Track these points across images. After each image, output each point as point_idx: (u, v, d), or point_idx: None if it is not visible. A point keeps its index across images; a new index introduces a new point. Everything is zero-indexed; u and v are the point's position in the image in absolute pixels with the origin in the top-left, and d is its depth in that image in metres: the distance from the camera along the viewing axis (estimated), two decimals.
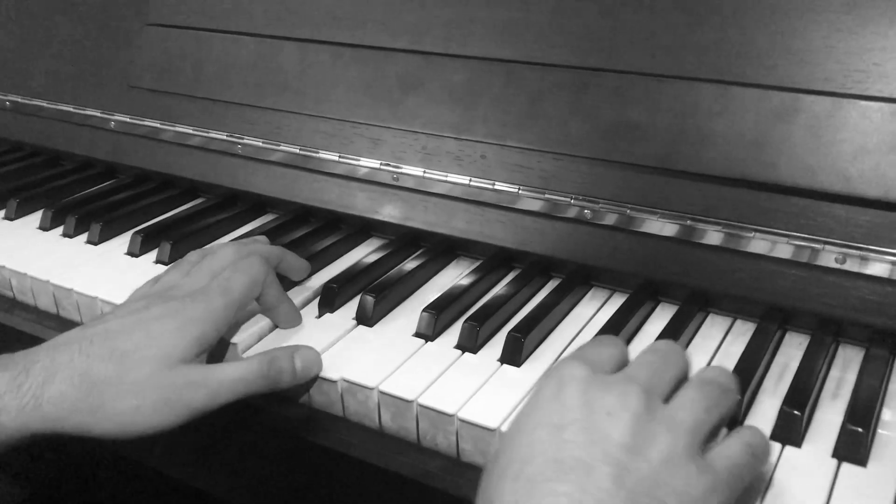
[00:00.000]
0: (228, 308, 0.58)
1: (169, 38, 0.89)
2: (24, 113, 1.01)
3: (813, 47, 0.60)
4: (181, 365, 0.54)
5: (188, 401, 0.54)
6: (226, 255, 0.63)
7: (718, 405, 0.45)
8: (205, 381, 0.54)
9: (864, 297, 0.59)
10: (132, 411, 0.53)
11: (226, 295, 0.58)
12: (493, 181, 0.71)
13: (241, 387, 0.55)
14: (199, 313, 0.56)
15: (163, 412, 0.53)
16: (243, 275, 0.60)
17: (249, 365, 0.56)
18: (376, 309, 0.66)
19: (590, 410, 0.42)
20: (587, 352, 0.48)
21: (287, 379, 0.58)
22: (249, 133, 0.84)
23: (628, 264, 0.66)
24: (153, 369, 0.53)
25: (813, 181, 0.59)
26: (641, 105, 0.65)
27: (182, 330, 0.55)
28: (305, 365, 0.59)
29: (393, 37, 0.76)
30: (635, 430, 0.42)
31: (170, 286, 0.61)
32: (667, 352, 0.48)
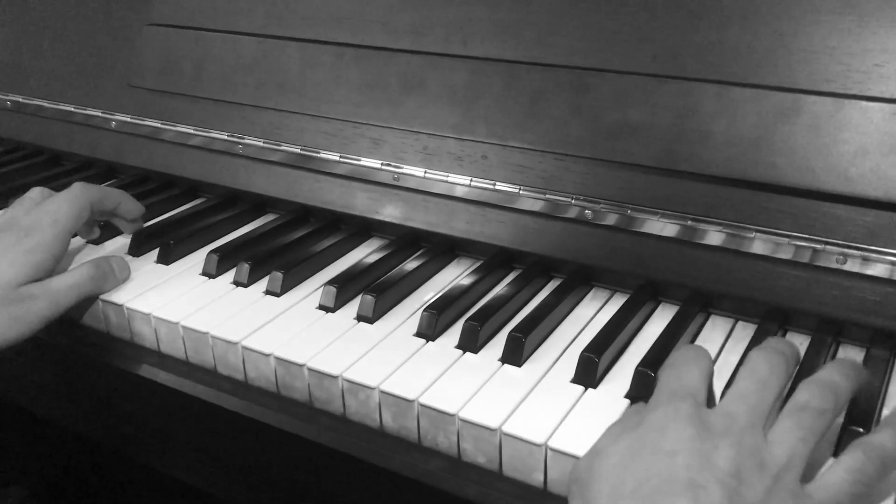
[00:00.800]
0: (59, 236, 0.69)
1: (170, 38, 0.89)
2: (25, 113, 1.01)
3: (814, 48, 0.60)
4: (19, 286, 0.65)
5: (34, 310, 0.65)
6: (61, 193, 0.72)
7: (814, 432, 0.45)
8: (44, 292, 0.66)
9: (864, 298, 0.59)
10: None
11: (55, 226, 0.69)
12: (494, 181, 0.71)
13: (77, 290, 0.67)
14: (32, 245, 0.67)
15: (13, 325, 0.63)
16: (67, 203, 0.70)
17: (80, 270, 0.68)
18: (377, 308, 0.66)
19: (698, 443, 0.44)
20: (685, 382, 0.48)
21: (111, 281, 0.71)
22: (250, 133, 0.84)
23: (629, 264, 0.66)
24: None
25: (814, 181, 0.59)
26: (642, 105, 0.65)
27: (19, 261, 0.66)
28: (120, 266, 0.72)
29: (394, 37, 0.76)
30: (740, 463, 0.43)
31: (11, 222, 0.70)
32: (765, 377, 0.47)
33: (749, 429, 0.45)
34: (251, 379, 0.63)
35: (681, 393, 0.47)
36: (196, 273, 0.74)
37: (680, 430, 0.44)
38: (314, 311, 0.68)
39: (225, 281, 0.73)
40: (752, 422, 0.45)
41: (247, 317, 0.66)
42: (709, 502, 0.41)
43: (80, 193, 0.72)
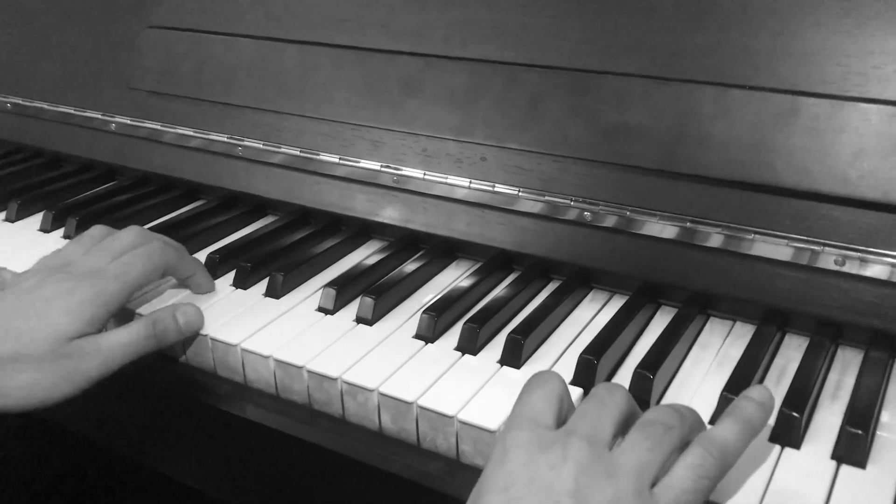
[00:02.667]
0: (121, 292, 0.61)
1: (170, 40, 0.89)
2: (25, 115, 1.01)
3: (812, 50, 0.60)
4: (72, 341, 0.58)
5: (84, 370, 0.58)
6: (128, 237, 0.65)
7: (661, 444, 0.45)
8: (98, 351, 0.59)
9: (863, 300, 0.59)
10: (30, 386, 0.56)
11: (120, 279, 0.61)
12: (493, 183, 0.71)
13: (132, 350, 0.60)
14: (90, 296, 0.60)
15: (60, 384, 0.57)
16: (142, 261, 0.63)
17: (136, 328, 0.61)
18: (376, 310, 0.66)
19: (533, 468, 0.43)
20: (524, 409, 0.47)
21: (172, 336, 0.63)
22: (250, 135, 0.84)
23: (628, 266, 0.66)
24: (46, 347, 0.57)
25: (812, 183, 0.59)
26: (641, 107, 0.65)
27: (74, 311, 0.59)
28: (188, 321, 0.63)
29: (393, 39, 0.76)
30: (578, 478, 0.42)
31: (68, 262, 0.63)
32: (604, 396, 0.47)
33: (591, 440, 0.44)
34: (250, 381, 0.63)
35: (517, 421, 0.47)
36: None
37: (512, 461, 0.44)
38: (314, 312, 0.68)
39: (224, 283, 0.73)
40: (592, 433, 0.45)
41: (246, 319, 0.66)
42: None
43: (157, 253, 0.65)
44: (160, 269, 0.65)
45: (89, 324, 0.59)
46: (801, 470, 0.50)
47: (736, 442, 0.46)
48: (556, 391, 0.48)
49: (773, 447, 0.52)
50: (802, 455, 0.51)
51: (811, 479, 0.49)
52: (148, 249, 0.65)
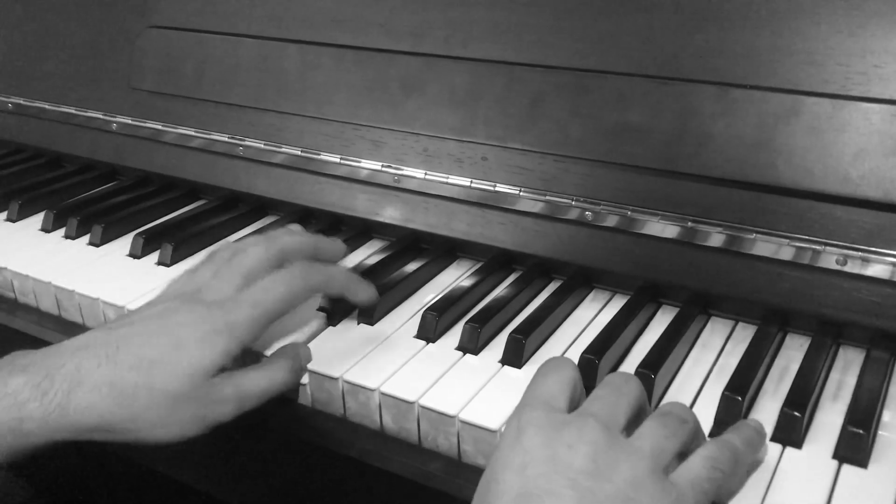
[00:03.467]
0: (256, 322, 0.55)
1: (171, 40, 0.89)
2: (27, 115, 1.01)
3: (813, 49, 0.60)
4: (209, 378, 0.53)
5: (217, 415, 0.53)
6: (257, 255, 0.59)
7: (677, 434, 0.46)
8: (235, 395, 0.54)
9: (864, 299, 0.59)
10: (160, 424, 0.52)
11: (255, 309, 0.55)
12: (494, 183, 0.71)
13: (269, 395, 0.56)
14: (225, 325, 0.54)
15: (189, 426, 0.53)
16: (280, 290, 0.57)
17: (274, 374, 0.56)
18: (377, 310, 0.66)
19: (550, 447, 0.44)
20: (539, 391, 0.48)
21: (299, 380, 0.59)
22: (251, 135, 0.84)
23: (629, 266, 0.66)
24: (182, 383, 0.52)
25: (813, 183, 0.59)
26: (642, 107, 0.65)
27: (208, 341, 0.53)
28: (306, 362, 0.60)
29: (394, 39, 0.76)
30: (596, 457, 0.43)
31: (196, 287, 0.58)
32: (620, 384, 0.48)
33: (606, 423, 0.45)
34: None
35: (532, 402, 0.47)
36: None
37: (529, 439, 0.44)
38: (315, 313, 0.68)
39: None
40: (608, 416, 0.46)
41: None
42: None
43: (301, 277, 0.58)
44: (303, 296, 0.58)
45: (223, 356, 0.54)
46: (803, 469, 0.50)
47: (744, 449, 0.48)
48: (570, 377, 0.49)
49: (775, 447, 0.52)
50: (804, 455, 0.51)
51: (813, 478, 0.49)
52: (290, 272, 0.58)
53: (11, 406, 0.49)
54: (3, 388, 0.50)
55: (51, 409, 0.50)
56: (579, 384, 0.49)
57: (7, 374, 0.51)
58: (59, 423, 0.50)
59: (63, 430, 0.50)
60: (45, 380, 0.50)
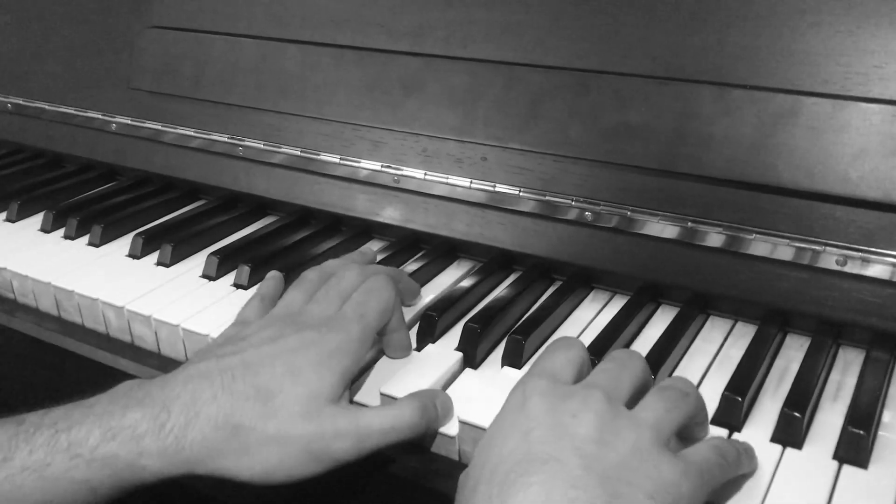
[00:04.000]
0: (366, 336, 0.54)
1: (170, 40, 0.89)
2: (26, 115, 1.01)
3: (813, 49, 0.60)
4: (329, 406, 0.50)
5: (334, 451, 0.49)
6: (352, 277, 0.58)
7: (678, 407, 0.47)
8: (355, 431, 0.50)
9: (864, 299, 0.59)
10: (276, 460, 0.49)
11: (362, 321, 0.54)
12: (494, 183, 0.71)
13: (392, 436, 0.51)
14: (337, 344, 0.52)
15: (307, 462, 0.49)
16: (377, 299, 0.56)
17: (401, 413, 0.51)
18: None
19: (555, 415, 0.44)
20: (546, 364, 0.49)
21: (433, 428, 0.53)
22: (251, 135, 0.84)
23: (629, 266, 0.66)
24: (300, 414, 0.49)
25: (813, 183, 0.59)
26: (642, 107, 0.65)
27: (324, 364, 0.51)
28: (444, 410, 0.54)
29: (394, 39, 0.76)
30: (600, 426, 0.43)
31: (295, 311, 0.56)
32: (624, 359, 0.49)
33: (609, 395, 0.46)
34: None
35: (538, 372, 0.48)
36: (196, 275, 0.74)
37: (534, 406, 0.45)
38: None
39: (225, 283, 0.73)
40: (612, 389, 0.46)
41: None
42: (566, 473, 0.41)
43: (388, 286, 0.57)
44: (392, 304, 0.57)
45: (343, 378, 0.51)
46: (803, 470, 0.50)
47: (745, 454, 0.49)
48: (578, 356, 0.50)
49: (775, 447, 0.51)
50: (804, 455, 0.51)
51: (813, 479, 0.49)
52: (378, 285, 0.57)
53: (129, 440, 0.48)
54: (120, 421, 0.48)
55: (168, 442, 0.48)
56: (587, 364, 0.50)
57: (124, 407, 0.49)
58: (174, 457, 0.48)
59: (178, 465, 0.48)
60: (162, 412, 0.48)
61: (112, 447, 0.47)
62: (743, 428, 0.53)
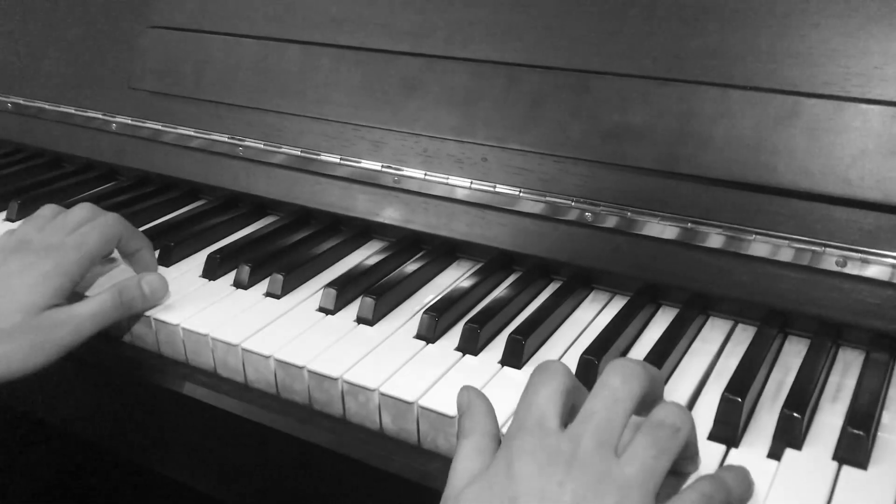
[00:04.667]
0: (82, 262, 0.64)
1: (170, 40, 0.89)
2: (26, 115, 1.01)
3: (813, 51, 0.60)
4: (45, 311, 0.60)
5: (56, 339, 0.60)
6: (80, 213, 0.68)
7: (668, 449, 0.45)
8: (67, 320, 0.61)
9: (864, 301, 0.59)
10: (4, 358, 0.58)
11: (79, 249, 0.64)
12: (494, 183, 0.71)
13: (100, 318, 0.62)
14: (52, 267, 0.62)
15: (33, 354, 0.59)
16: (98, 231, 0.66)
17: (104, 298, 0.63)
18: (377, 310, 0.66)
19: (540, 481, 0.43)
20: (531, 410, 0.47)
21: (139, 305, 0.65)
22: (251, 135, 0.84)
23: (629, 267, 0.66)
24: (18, 319, 0.59)
25: (813, 184, 0.59)
26: (642, 108, 0.65)
27: (39, 283, 0.61)
28: (153, 289, 0.66)
29: (394, 39, 0.76)
30: (584, 495, 0.42)
31: (24, 240, 0.65)
32: (616, 388, 0.46)
33: (595, 452, 0.44)
34: (251, 381, 0.63)
35: (523, 425, 0.46)
36: (196, 275, 0.74)
37: (522, 469, 0.44)
38: (314, 313, 0.68)
39: (225, 283, 0.73)
40: (600, 442, 0.44)
41: (247, 319, 0.66)
42: None
43: (113, 224, 0.68)
44: (115, 239, 0.67)
45: (55, 294, 0.61)
46: (803, 471, 0.50)
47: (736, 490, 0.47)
48: (562, 387, 0.47)
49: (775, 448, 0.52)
50: (804, 456, 0.51)
51: (812, 480, 0.49)
52: (103, 220, 0.67)
53: None
54: None
55: None
56: (573, 391, 0.48)
57: None
58: None
59: None
60: None
61: None
62: (742, 429, 0.53)
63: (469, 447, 0.48)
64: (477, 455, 0.47)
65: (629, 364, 0.47)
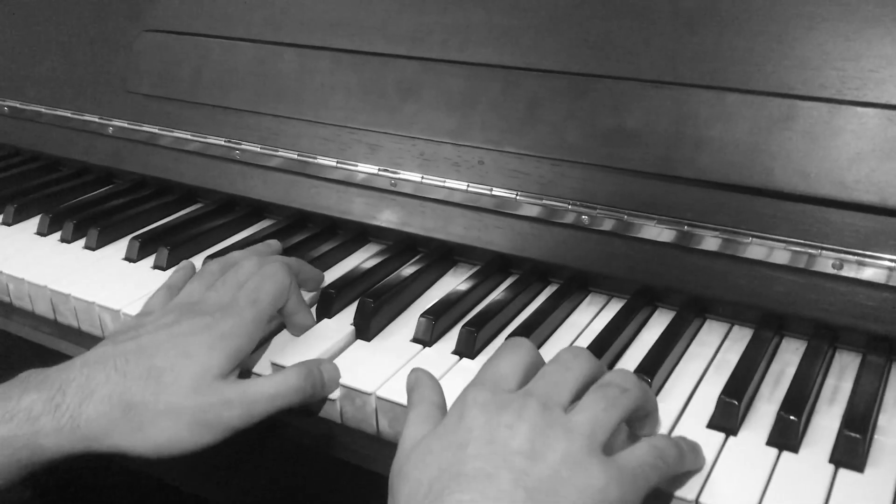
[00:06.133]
0: (259, 320, 0.58)
1: (167, 43, 0.89)
2: (23, 118, 1.01)
3: (809, 54, 0.60)
4: (218, 381, 0.54)
5: (225, 419, 0.53)
6: (248, 266, 0.61)
7: (616, 405, 0.46)
8: (241, 399, 0.54)
9: (860, 303, 0.59)
10: (169, 433, 0.52)
11: (255, 306, 0.58)
12: (491, 187, 0.71)
13: (279, 402, 0.55)
14: (230, 327, 0.56)
15: (199, 432, 0.52)
16: (270, 284, 0.59)
17: (286, 379, 0.55)
18: (374, 314, 0.66)
19: (490, 427, 0.44)
20: (489, 371, 0.49)
21: (319, 392, 0.57)
22: (248, 139, 0.84)
23: (625, 270, 0.66)
24: (190, 388, 0.53)
25: (809, 187, 0.59)
26: (638, 111, 0.65)
27: (216, 346, 0.54)
28: (330, 378, 0.58)
29: (391, 43, 0.76)
30: (532, 437, 0.44)
31: (195, 300, 0.60)
32: (567, 360, 0.49)
33: (546, 403, 0.45)
34: None
35: (480, 381, 0.48)
36: None
37: (472, 418, 0.45)
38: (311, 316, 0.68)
39: None
40: (550, 396, 0.46)
41: None
42: (497, 490, 0.41)
43: (282, 274, 0.61)
44: (287, 288, 0.61)
45: (233, 358, 0.55)
46: (800, 474, 0.50)
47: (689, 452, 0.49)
48: (524, 360, 0.50)
49: (772, 451, 0.52)
50: (800, 459, 0.51)
51: (809, 483, 0.49)
52: (272, 270, 0.61)
53: (25, 421, 0.51)
54: (17, 405, 0.51)
55: (63, 421, 0.51)
56: (536, 366, 0.50)
57: (21, 391, 0.52)
58: (70, 435, 0.51)
59: (74, 441, 0.51)
60: (57, 393, 0.52)
61: (10, 428, 0.50)
62: (739, 431, 0.53)
63: (416, 415, 0.49)
64: (424, 421, 0.49)
65: (581, 351, 0.50)
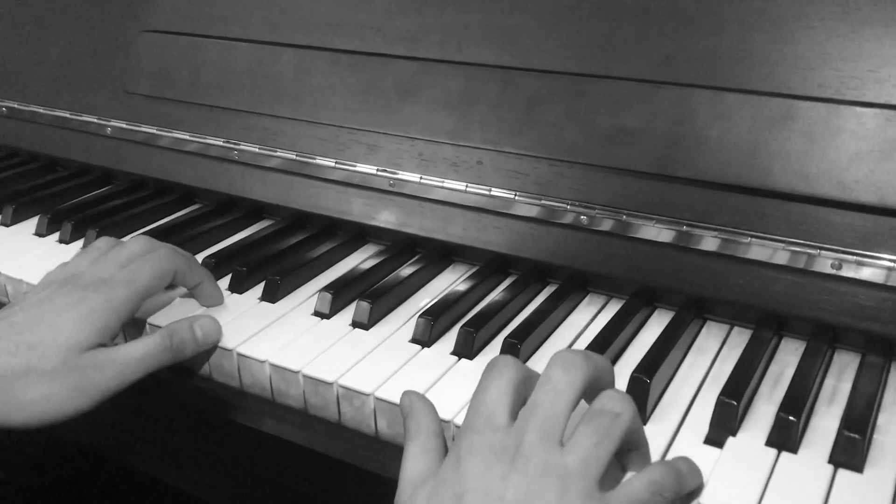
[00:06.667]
0: (131, 300, 0.60)
1: (165, 44, 0.89)
2: (21, 119, 1.01)
3: (808, 54, 0.60)
4: (88, 351, 0.56)
5: (97, 383, 0.56)
6: (135, 246, 0.64)
7: (610, 435, 0.45)
8: (111, 363, 0.57)
9: (859, 303, 0.59)
10: (43, 400, 0.55)
11: (129, 286, 0.60)
12: (490, 187, 0.71)
13: (148, 362, 0.58)
14: (100, 304, 0.58)
15: (74, 397, 0.55)
16: (151, 267, 0.62)
17: (152, 340, 0.59)
18: (372, 314, 0.66)
19: (485, 479, 0.44)
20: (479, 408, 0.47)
21: (190, 349, 0.61)
22: (246, 139, 0.84)
23: (624, 270, 0.66)
24: (59, 359, 0.55)
25: (808, 187, 0.59)
26: (637, 111, 0.65)
27: (85, 320, 0.57)
28: (206, 332, 0.62)
29: (390, 43, 0.76)
30: (527, 489, 0.43)
31: (75, 273, 0.62)
32: (557, 381, 0.46)
33: (539, 444, 0.44)
34: (246, 386, 0.63)
35: (472, 423, 0.47)
36: None
37: (467, 469, 0.45)
38: (309, 317, 0.68)
39: (221, 287, 0.73)
40: (543, 435, 0.45)
41: (242, 323, 0.66)
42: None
43: (165, 258, 0.64)
44: (169, 274, 0.64)
45: (101, 333, 0.58)
46: (799, 474, 0.50)
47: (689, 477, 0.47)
48: (512, 382, 0.48)
49: (771, 451, 0.51)
50: (800, 459, 0.51)
51: (808, 483, 0.49)
52: (156, 255, 0.63)
53: None
54: None
55: None
56: (525, 382, 0.48)
57: None
58: None
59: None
60: None
61: None
62: (738, 432, 0.53)
63: (416, 448, 0.49)
64: (424, 454, 0.48)
65: (571, 355, 0.48)
